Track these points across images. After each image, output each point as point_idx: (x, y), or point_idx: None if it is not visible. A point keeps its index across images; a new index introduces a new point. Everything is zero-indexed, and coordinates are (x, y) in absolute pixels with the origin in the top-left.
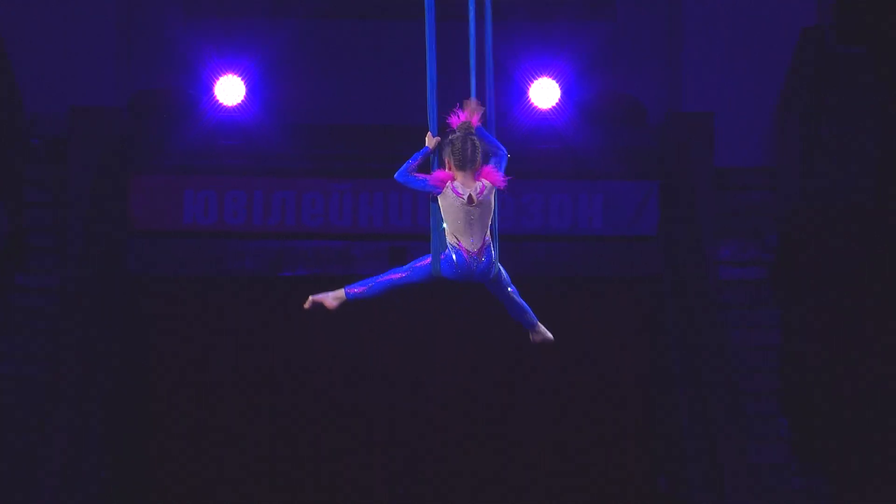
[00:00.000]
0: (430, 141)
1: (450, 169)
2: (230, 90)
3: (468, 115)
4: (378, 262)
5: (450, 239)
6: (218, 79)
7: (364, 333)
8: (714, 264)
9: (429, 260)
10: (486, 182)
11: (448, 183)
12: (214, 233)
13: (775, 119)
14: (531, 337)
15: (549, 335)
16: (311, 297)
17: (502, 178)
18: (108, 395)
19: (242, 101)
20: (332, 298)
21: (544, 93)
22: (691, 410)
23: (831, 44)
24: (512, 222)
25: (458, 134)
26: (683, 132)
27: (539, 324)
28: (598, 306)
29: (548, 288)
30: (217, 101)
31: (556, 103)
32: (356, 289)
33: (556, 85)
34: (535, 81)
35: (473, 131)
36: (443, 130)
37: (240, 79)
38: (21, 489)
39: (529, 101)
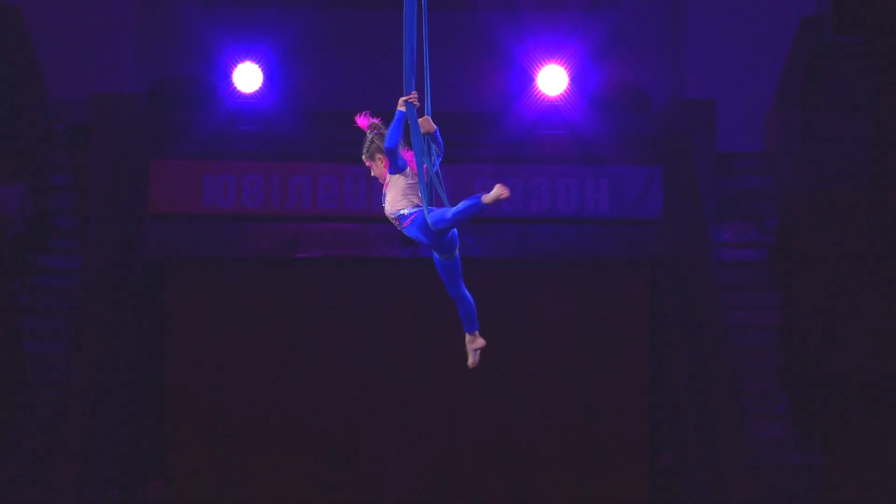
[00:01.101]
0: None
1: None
2: (248, 77)
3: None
4: (391, 245)
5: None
6: (236, 66)
7: (376, 315)
8: (715, 246)
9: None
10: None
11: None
12: (232, 216)
13: (775, 106)
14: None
15: (480, 346)
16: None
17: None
18: (127, 373)
19: (260, 88)
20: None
21: (551, 80)
22: (693, 388)
23: (830, 33)
24: (520, 205)
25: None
26: (686, 118)
27: (477, 332)
28: (602, 287)
29: (554, 269)
30: (235, 88)
31: (563, 90)
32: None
33: (564, 72)
34: (543, 69)
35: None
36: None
37: (257, 66)
38: (44, 463)
39: (537, 88)
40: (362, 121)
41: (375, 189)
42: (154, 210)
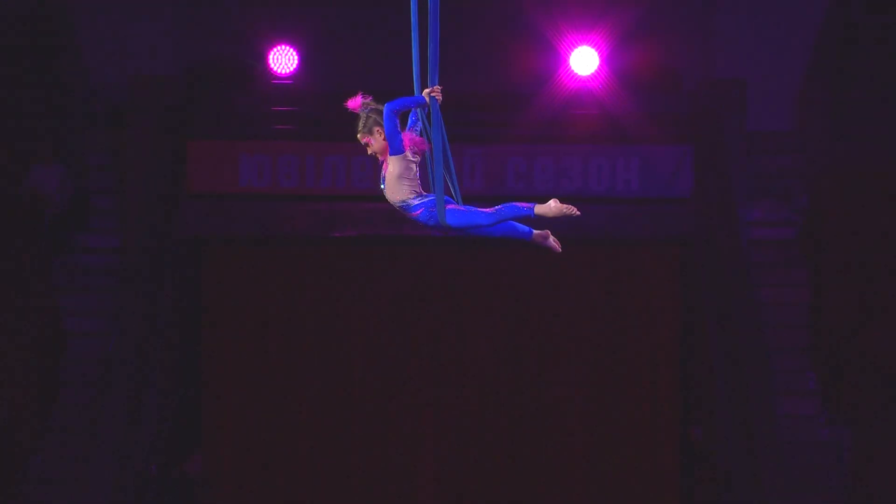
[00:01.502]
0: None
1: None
2: (284, 59)
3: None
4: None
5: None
6: (272, 48)
7: (410, 292)
8: (746, 225)
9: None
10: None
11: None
12: (268, 195)
13: (805, 85)
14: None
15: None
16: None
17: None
18: (166, 349)
19: (295, 69)
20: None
21: (583, 60)
22: (723, 365)
23: (859, 11)
24: (552, 184)
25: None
26: (716, 98)
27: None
28: (633, 265)
29: (586, 248)
30: (271, 69)
31: (595, 71)
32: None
33: (595, 53)
34: (575, 49)
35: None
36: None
37: (292, 48)
38: (84, 439)
39: (569, 68)
40: (354, 102)
41: None
42: (191, 190)
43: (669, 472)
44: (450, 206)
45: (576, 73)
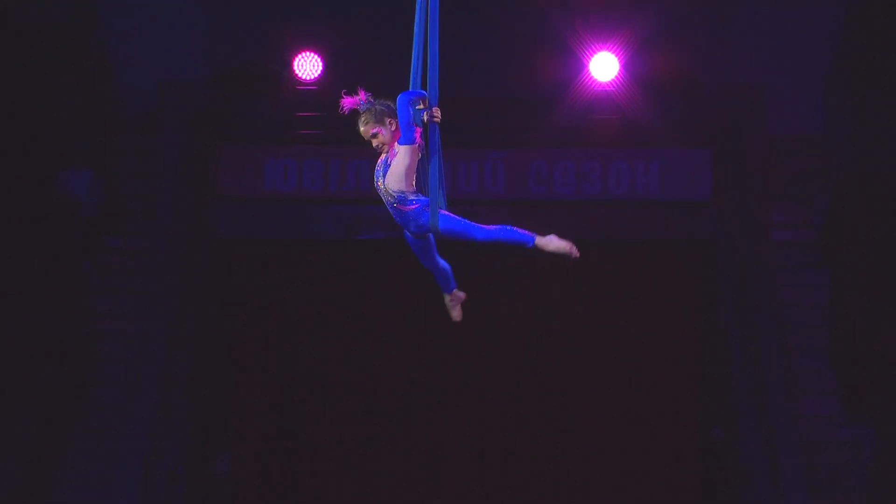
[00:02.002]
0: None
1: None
2: (308, 65)
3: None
4: None
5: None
6: (297, 55)
7: (433, 294)
8: (766, 227)
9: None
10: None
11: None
12: (294, 199)
13: (825, 89)
14: (446, 300)
15: (463, 295)
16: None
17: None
18: (193, 350)
19: (320, 75)
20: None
21: (603, 66)
22: (744, 365)
23: (878, 15)
24: (572, 188)
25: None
26: (736, 102)
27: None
28: (654, 268)
29: (607, 251)
30: (296, 75)
31: (615, 76)
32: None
33: (615, 58)
34: (595, 55)
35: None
36: None
37: (317, 55)
38: (113, 439)
39: (589, 74)
40: (351, 101)
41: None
42: (219, 193)
43: (691, 471)
44: (443, 213)
45: (596, 79)
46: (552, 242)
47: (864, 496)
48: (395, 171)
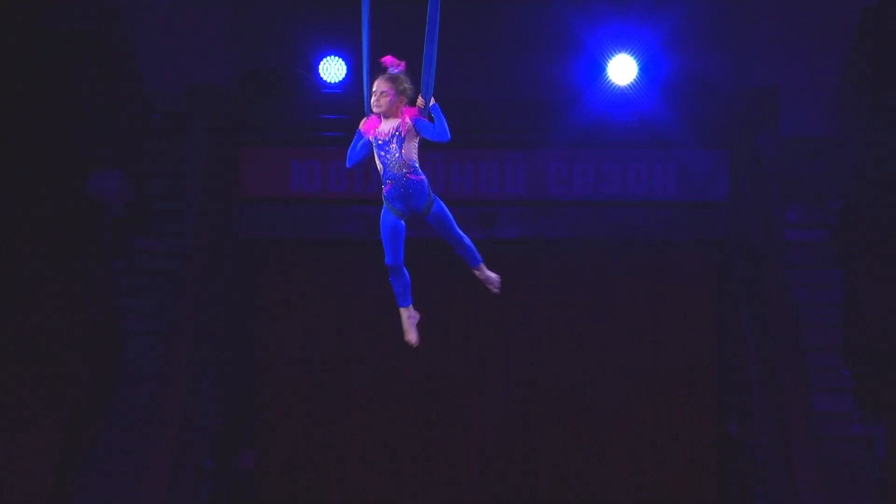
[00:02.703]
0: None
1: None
2: (333, 69)
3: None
4: (468, 226)
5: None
6: (322, 59)
7: (454, 292)
8: (781, 227)
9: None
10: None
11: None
12: (318, 199)
13: (839, 92)
14: (476, 274)
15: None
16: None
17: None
18: (221, 347)
19: (344, 79)
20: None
21: (622, 69)
22: (759, 363)
23: (892, 19)
24: (592, 189)
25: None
26: (751, 105)
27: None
28: (671, 266)
29: (626, 249)
30: (321, 79)
31: (633, 79)
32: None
33: (634, 61)
34: (614, 58)
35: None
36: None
37: (341, 59)
38: (142, 434)
39: (608, 76)
40: (391, 61)
41: (453, 174)
42: (245, 194)
43: (708, 467)
44: (438, 199)
45: (615, 82)
46: (486, 272)
47: (876, 490)
48: (410, 145)
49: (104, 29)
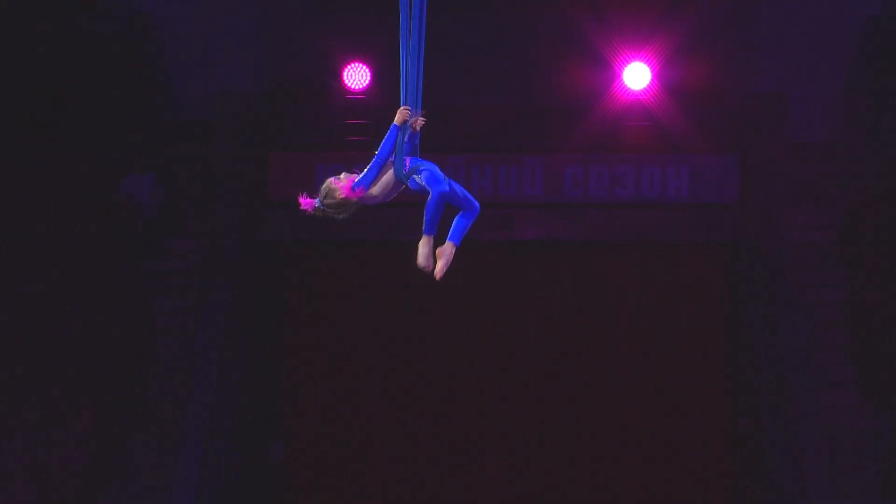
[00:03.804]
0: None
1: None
2: (357, 76)
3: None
4: (488, 228)
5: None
6: (346, 66)
7: (473, 292)
8: (789, 229)
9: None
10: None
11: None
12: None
13: (845, 98)
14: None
15: (448, 257)
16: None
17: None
18: (248, 345)
19: (367, 85)
20: (424, 257)
21: (636, 75)
22: (768, 360)
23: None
24: (606, 191)
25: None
26: (761, 110)
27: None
28: (683, 266)
29: (639, 250)
30: (345, 85)
31: (647, 85)
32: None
33: (647, 68)
34: (628, 65)
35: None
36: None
37: (365, 66)
38: (173, 428)
39: (623, 82)
40: (308, 204)
41: (473, 177)
42: (272, 198)
43: (719, 461)
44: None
45: (629, 88)
46: (444, 254)
47: (882, 482)
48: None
49: (137, 38)
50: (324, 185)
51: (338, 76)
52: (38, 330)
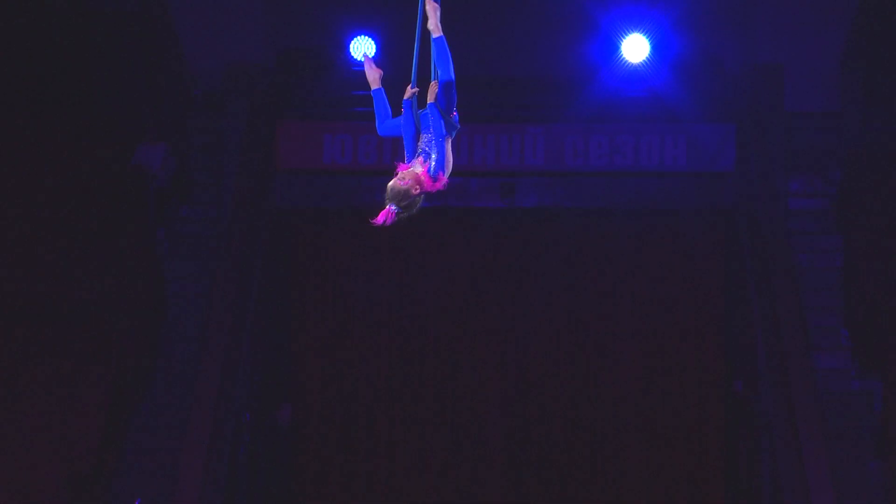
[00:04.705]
0: (408, 93)
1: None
2: (363, 48)
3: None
4: (490, 195)
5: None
6: (352, 38)
7: (476, 259)
8: (784, 196)
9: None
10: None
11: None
12: (349, 171)
13: (840, 68)
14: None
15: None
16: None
17: None
18: (258, 308)
19: (374, 56)
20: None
21: (635, 48)
22: (764, 324)
23: (889, 2)
24: (606, 160)
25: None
26: (757, 81)
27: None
28: (681, 233)
29: (639, 217)
30: (352, 57)
31: (646, 57)
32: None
33: (646, 40)
34: (627, 37)
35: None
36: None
37: (371, 38)
38: (185, 390)
39: (621, 55)
40: (387, 216)
41: (476, 147)
42: (280, 166)
43: (715, 422)
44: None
45: (628, 59)
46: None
47: (874, 443)
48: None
49: (149, 11)
50: (393, 193)
51: (344, 48)
52: (53, 294)
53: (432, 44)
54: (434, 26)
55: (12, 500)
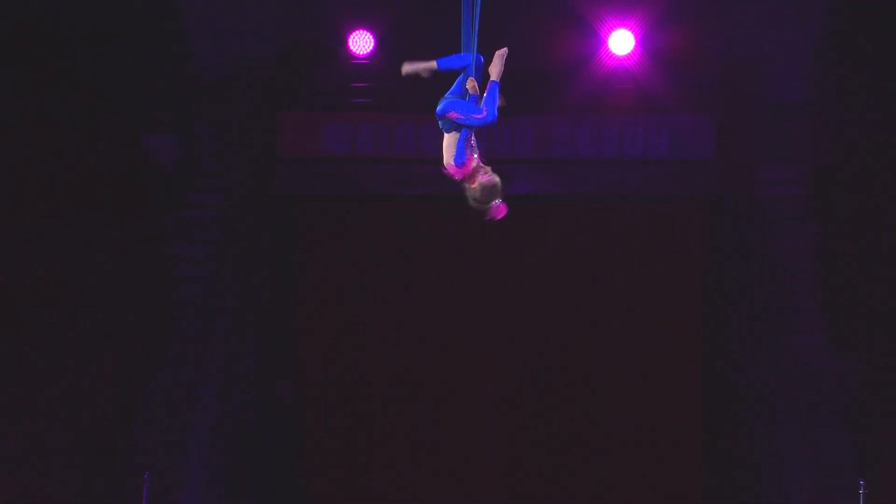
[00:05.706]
0: (471, 83)
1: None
2: (361, 42)
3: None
4: None
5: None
6: (351, 32)
7: (470, 241)
8: (764, 184)
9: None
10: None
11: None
12: (349, 159)
13: (817, 59)
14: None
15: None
16: (405, 66)
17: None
18: (262, 290)
19: (371, 51)
20: (424, 69)
21: (621, 41)
22: (743, 305)
23: None
24: (592, 150)
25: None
26: (737, 72)
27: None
28: (664, 219)
29: (623, 204)
30: (350, 51)
31: (631, 50)
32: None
33: (631, 35)
34: (614, 32)
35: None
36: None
37: (369, 33)
38: (192, 368)
39: (608, 48)
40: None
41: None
42: (282, 155)
43: (694, 398)
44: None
45: (614, 53)
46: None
47: (846, 416)
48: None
49: (159, 5)
50: (485, 191)
51: (344, 42)
52: (65, 275)
53: (489, 85)
54: (497, 74)
55: (29, 479)
